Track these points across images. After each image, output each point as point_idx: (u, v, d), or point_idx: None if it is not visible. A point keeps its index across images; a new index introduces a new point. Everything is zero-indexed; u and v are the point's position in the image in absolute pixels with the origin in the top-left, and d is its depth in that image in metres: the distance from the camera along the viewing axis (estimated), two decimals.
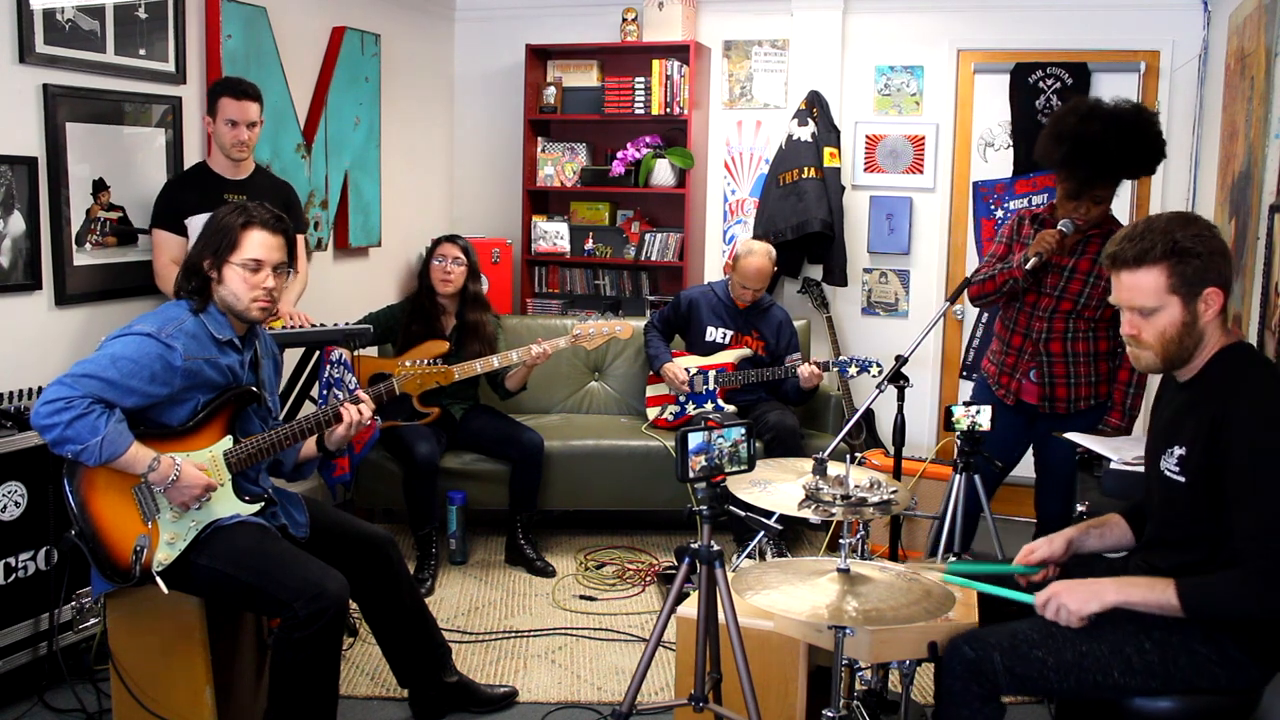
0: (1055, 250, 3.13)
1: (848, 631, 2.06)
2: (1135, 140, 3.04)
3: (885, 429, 4.56)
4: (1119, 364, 3.27)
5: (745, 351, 4.45)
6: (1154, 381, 4.29)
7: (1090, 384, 3.28)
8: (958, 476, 3.12)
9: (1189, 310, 2.05)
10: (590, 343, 3.98)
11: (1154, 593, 2.01)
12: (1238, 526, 1.97)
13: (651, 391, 4.62)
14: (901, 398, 3.27)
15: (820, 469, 2.30)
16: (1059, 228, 3.13)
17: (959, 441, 3.07)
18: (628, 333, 4.03)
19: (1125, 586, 2.04)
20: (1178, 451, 2.09)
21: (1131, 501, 2.44)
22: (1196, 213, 2.14)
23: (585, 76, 5.39)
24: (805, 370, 4.23)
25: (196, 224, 3.39)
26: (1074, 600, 2.04)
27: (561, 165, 5.42)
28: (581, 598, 3.87)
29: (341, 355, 3.73)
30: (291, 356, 3.67)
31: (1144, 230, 2.06)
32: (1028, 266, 3.11)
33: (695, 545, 2.21)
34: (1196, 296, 2.04)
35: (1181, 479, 2.08)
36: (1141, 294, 2.06)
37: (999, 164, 5.02)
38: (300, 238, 3.76)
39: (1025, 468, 3.51)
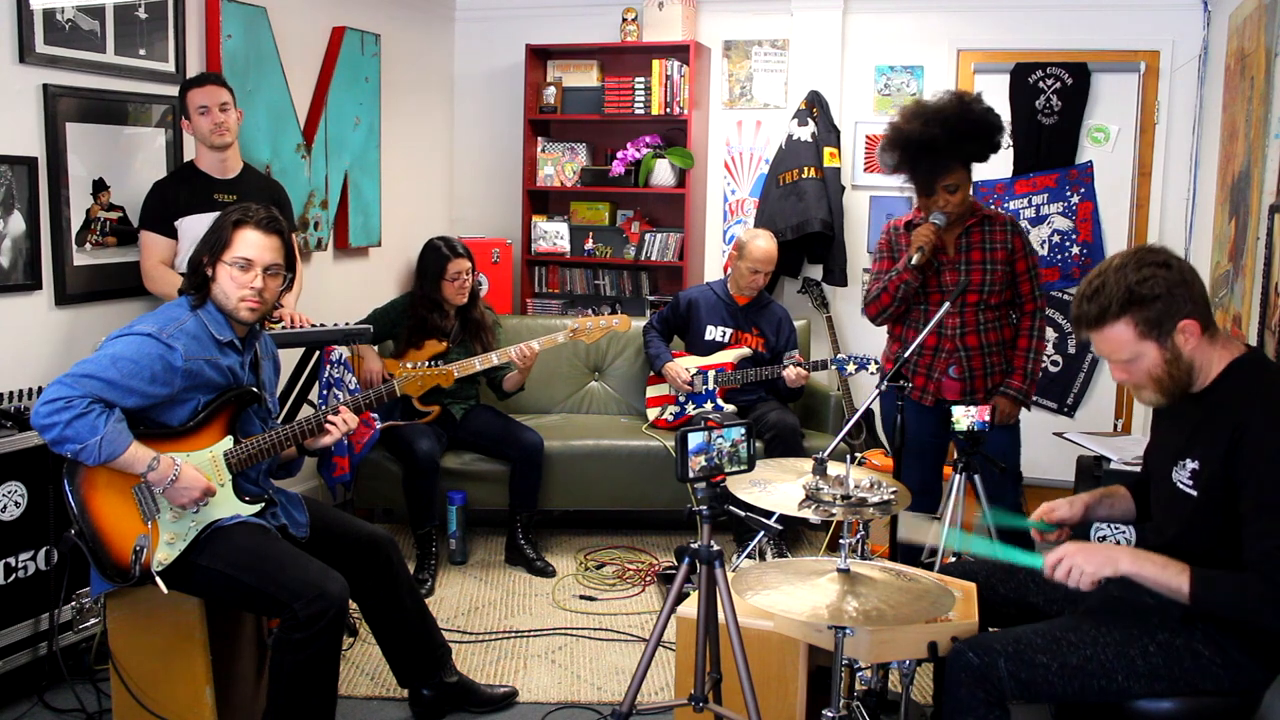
0: (934, 241, 3.24)
1: (848, 631, 2.06)
2: (960, 127, 3.17)
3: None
4: (1019, 335, 3.35)
5: (745, 351, 4.44)
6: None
7: (1000, 371, 3.36)
8: (957, 476, 3.12)
9: (1166, 348, 2.03)
10: (588, 336, 3.97)
11: (1166, 574, 1.99)
12: (1253, 540, 1.96)
13: (651, 392, 4.62)
14: (902, 398, 3.27)
15: (820, 469, 2.30)
16: (931, 221, 3.26)
17: (959, 441, 3.08)
18: (625, 325, 4.02)
19: (1141, 559, 2.02)
20: (1190, 465, 2.08)
21: (1136, 476, 2.44)
22: (1152, 244, 2.13)
23: (585, 76, 5.39)
24: (790, 374, 4.23)
25: (186, 225, 3.39)
26: (1089, 563, 2.02)
27: (561, 165, 5.42)
28: (581, 598, 3.88)
29: (341, 355, 3.73)
30: (291, 357, 3.67)
31: (1098, 286, 2.04)
32: (913, 263, 3.23)
33: (695, 545, 2.21)
34: (1170, 334, 2.02)
35: (1194, 493, 2.07)
36: (1116, 348, 2.06)
37: (999, 164, 5.00)
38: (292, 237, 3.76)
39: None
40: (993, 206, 4.75)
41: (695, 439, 2.11)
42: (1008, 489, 3.37)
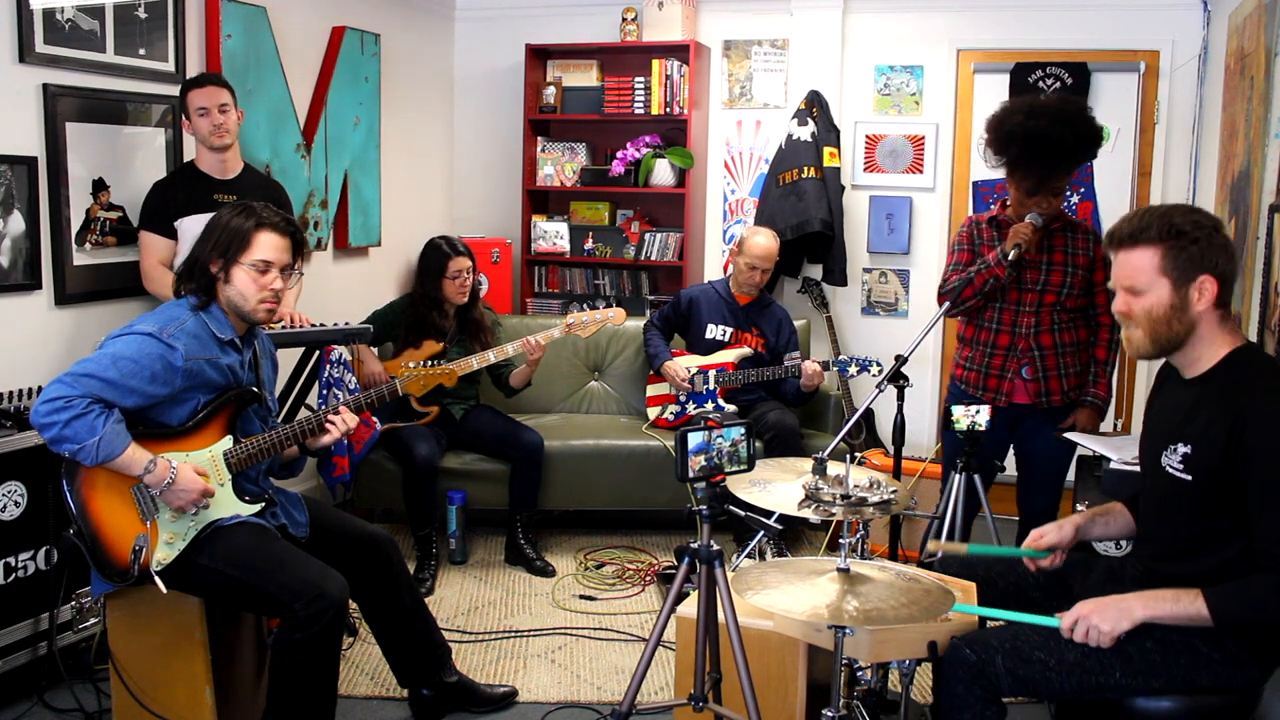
0: (1033, 240, 3.16)
1: (848, 631, 2.06)
2: (1082, 128, 3.10)
3: (885, 429, 4.56)
4: (1096, 346, 3.32)
5: (745, 351, 4.45)
6: (1146, 370, 4.30)
7: (1075, 373, 3.31)
8: (957, 476, 3.12)
9: (1179, 294, 2.03)
10: (584, 331, 3.98)
11: (1182, 605, 2.00)
12: (1262, 533, 1.96)
13: (651, 391, 4.62)
14: (901, 397, 3.27)
15: (820, 469, 2.29)
16: (1029, 220, 3.17)
17: (959, 441, 3.08)
18: (620, 319, 4.03)
19: (1153, 601, 2.03)
20: (1182, 449, 2.08)
21: (1133, 492, 2.44)
22: (1205, 208, 2.14)
23: (585, 76, 5.39)
24: (809, 367, 4.23)
25: (186, 225, 3.38)
26: (1105, 621, 2.02)
27: (561, 165, 5.42)
28: (581, 597, 3.88)
29: (341, 355, 3.73)
30: (291, 356, 3.67)
31: (1144, 212, 2.08)
32: (1010, 258, 3.13)
33: (695, 545, 2.21)
34: (1189, 282, 2.02)
35: (1187, 477, 2.07)
36: (1134, 272, 2.06)
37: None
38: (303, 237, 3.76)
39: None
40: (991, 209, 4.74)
41: (695, 439, 2.11)
42: (1046, 493, 3.36)
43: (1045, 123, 3.06)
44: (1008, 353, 3.29)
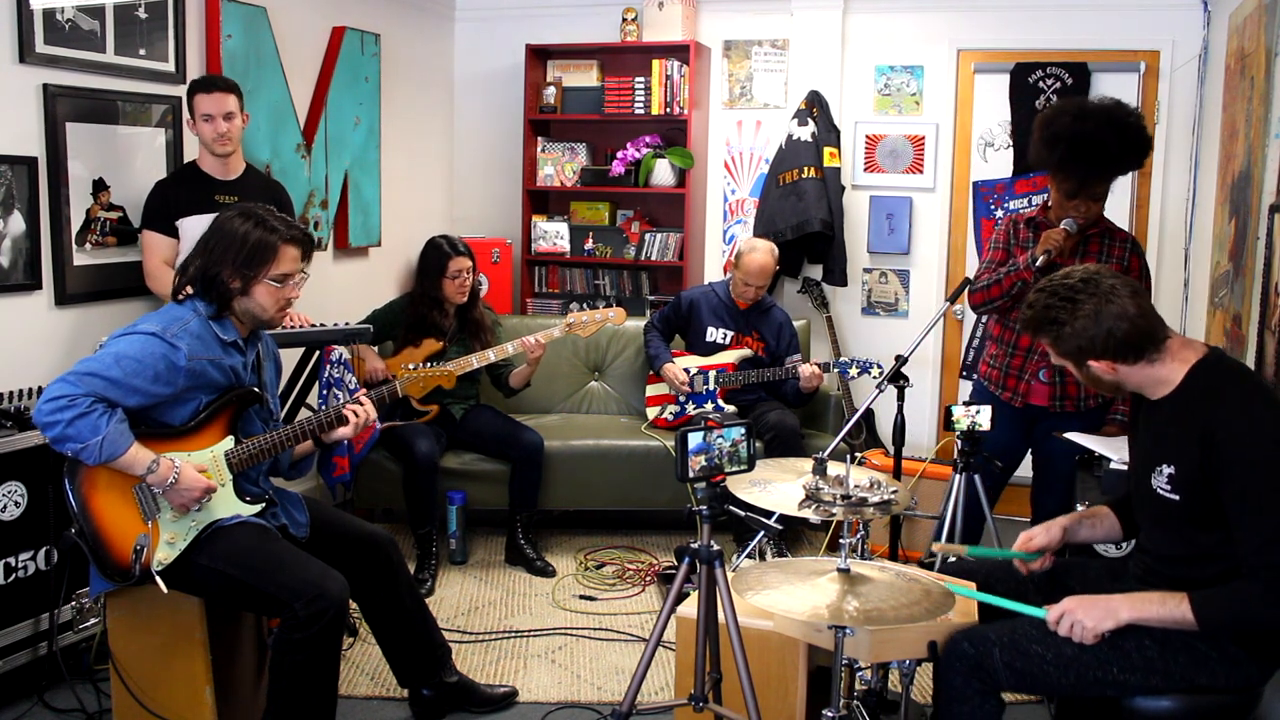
0: (1064, 247, 3.13)
1: (848, 631, 2.06)
2: (1129, 134, 3.07)
3: (885, 429, 4.56)
4: None
5: (746, 352, 4.45)
6: None
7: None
8: (958, 476, 3.12)
9: (1083, 373, 2.16)
10: (584, 330, 3.99)
11: (1168, 608, 2.01)
12: (1243, 540, 1.97)
13: (651, 391, 4.62)
14: (901, 398, 3.27)
15: (820, 469, 2.30)
16: (1063, 226, 3.14)
17: (959, 441, 3.08)
18: (620, 319, 4.04)
19: (1139, 603, 2.04)
20: (1167, 470, 2.09)
21: (1119, 495, 2.44)
22: (1100, 272, 2.14)
23: (585, 76, 5.39)
24: (806, 370, 4.23)
25: (187, 225, 3.38)
26: (1089, 618, 2.03)
27: (561, 165, 5.42)
28: (581, 598, 3.88)
29: (341, 355, 3.73)
30: (291, 356, 3.67)
31: (1031, 302, 2.19)
32: (1038, 265, 3.10)
33: (695, 545, 2.21)
34: (1083, 367, 2.14)
35: (1175, 496, 2.08)
36: (1051, 355, 2.22)
37: (999, 164, 5.03)
38: None
39: (1026, 466, 3.51)
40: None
41: (695, 439, 2.11)
42: (1056, 495, 3.35)
43: (1092, 126, 3.03)
44: (1028, 354, 3.28)
